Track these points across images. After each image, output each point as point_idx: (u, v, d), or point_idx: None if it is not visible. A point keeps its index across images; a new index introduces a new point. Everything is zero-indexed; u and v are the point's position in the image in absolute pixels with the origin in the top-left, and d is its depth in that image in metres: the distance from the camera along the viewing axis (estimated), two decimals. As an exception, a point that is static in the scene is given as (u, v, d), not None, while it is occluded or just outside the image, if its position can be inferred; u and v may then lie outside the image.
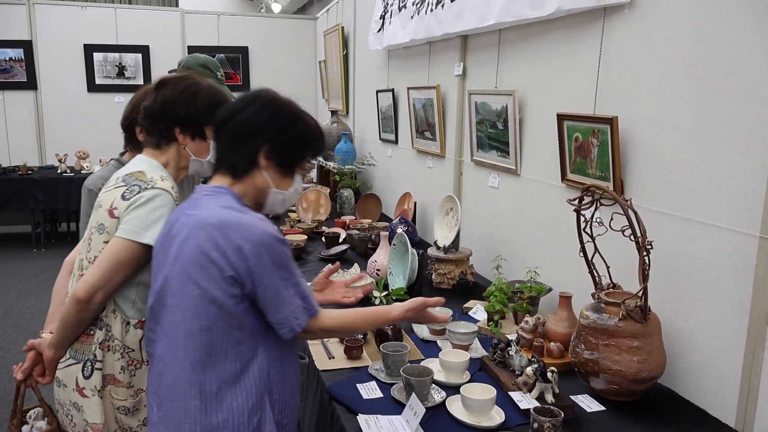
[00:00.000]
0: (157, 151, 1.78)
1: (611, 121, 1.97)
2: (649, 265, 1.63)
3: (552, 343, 1.99)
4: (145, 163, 1.75)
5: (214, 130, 1.55)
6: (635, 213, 1.62)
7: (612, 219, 1.73)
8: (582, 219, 1.84)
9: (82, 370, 1.66)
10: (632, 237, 1.62)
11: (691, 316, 1.78)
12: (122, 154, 2.23)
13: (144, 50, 7.37)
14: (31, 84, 7.10)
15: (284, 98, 1.55)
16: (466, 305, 2.53)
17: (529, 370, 1.70)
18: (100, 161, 6.61)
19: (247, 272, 1.38)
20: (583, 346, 1.75)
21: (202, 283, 1.39)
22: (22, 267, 6.14)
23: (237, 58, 7.69)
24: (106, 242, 1.61)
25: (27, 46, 7.01)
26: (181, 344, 1.42)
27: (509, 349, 1.87)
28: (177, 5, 11.13)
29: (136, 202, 1.61)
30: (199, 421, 1.40)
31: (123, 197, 1.63)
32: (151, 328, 1.52)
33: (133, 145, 2.13)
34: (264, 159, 1.49)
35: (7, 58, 7.04)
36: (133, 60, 7.37)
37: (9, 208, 6.62)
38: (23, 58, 7.05)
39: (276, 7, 11.44)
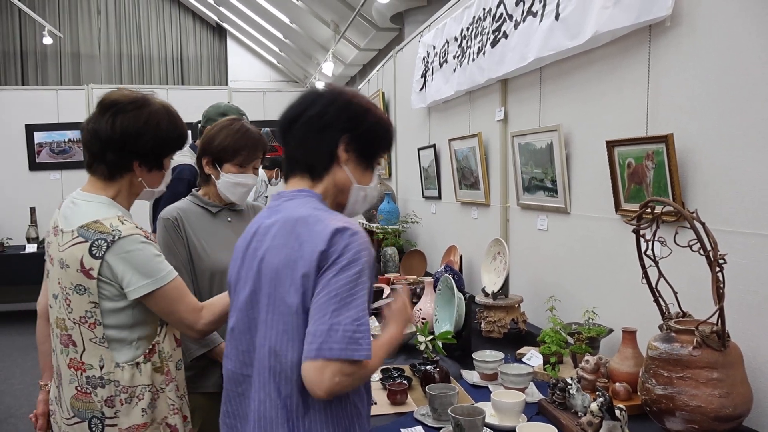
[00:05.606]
0: (105, 182, 1.65)
1: (666, 139, 1.84)
2: (723, 283, 1.45)
3: (617, 384, 1.79)
4: (93, 206, 1.61)
5: (279, 132, 1.41)
6: (703, 224, 1.46)
7: (677, 233, 1.57)
8: (642, 241, 1.68)
9: (89, 428, 1.58)
10: (701, 251, 1.46)
11: (777, 345, 1.58)
12: (197, 189, 2.21)
13: (193, 127, 7.62)
14: (87, 163, 7.40)
15: (350, 90, 1.44)
16: (519, 351, 2.35)
17: (593, 406, 1.51)
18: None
19: (315, 276, 1.22)
20: (654, 380, 1.55)
21: (288, 298, 1.24)
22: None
23: (282, 131, 7.88)
24: (92, 302, 1.55)
25: (84, 127, 7.36)
26: (266, 365, 1.27)
27: (570, 387, 1.69)
28: (227, 84, 11.66)
29: (125, 257, 1.53)
30: None
31: (93, 255, 1.53)
32: (233, 348, 1.37)
33: (202, 180, 2.18)
34: (344, 152, 1.36)
35: (66, 140, 7.38)
36: (183, 136, 7.64)
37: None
38: (81, 138, 7.38)
39: (320, 86, 11.85)
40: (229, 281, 1.43)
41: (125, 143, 1.61)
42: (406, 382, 1.98)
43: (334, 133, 1.35)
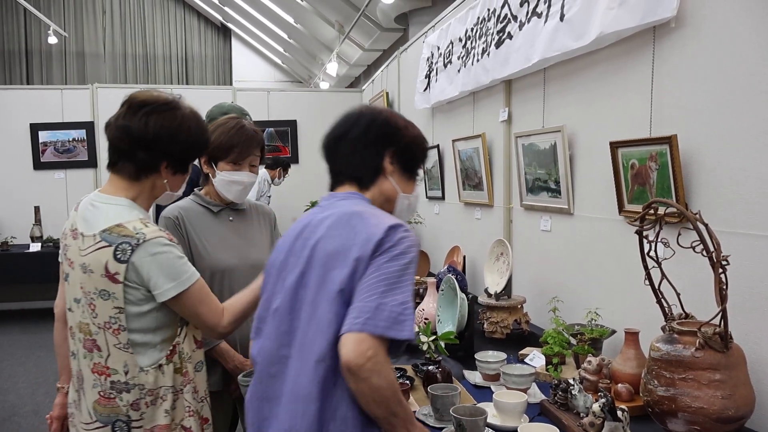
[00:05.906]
0: (129, 182, 1.62)
1: (670, 140, 1.84)
2: (726, 285, 1.45)
3: (620, 385, 1.79)
4: (114, 209, 1.58)
5: (324, 150, 1.51)
6: (706, 225, 1.46)
7: (680, 234, 1.57)
8: (645, 242, 1.68)
9: (113, 431, 1.58)
10: (704, 253, 1.46)
11: (781, 347, 1.57)
12: (199, 189, 2.21)
13: (197, 126, 7.64)
14: (91, 162, 7.39)
15: (386, 108, 1.57)
16: (521, 352, 2.34)
17: (595, 406, 1.51)
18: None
19: (368, 260, 1.28)
20: (656, 382, 1.55)
21: (337, 278, 1.29)
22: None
23: (286, 131, 7.87)
24: (117, 308, 1.54)
25: (89, 126, 7.34)
26: (307, 343, 1.31)
27: (572, 388, 1.69)
28: (231, 83, 11.68)
29: (151, 260, 1.52)
30: (314, 429, 1.27)
31: (118, 260, 1.52)
32: (274, 329, 1.40)
33: (203, 179, 2.19)
34: (389, 164, 1.48)
35: (70, 139, 7.39)
36: (187, 136, 7.65)
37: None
38: (85, 138, 7.39)
39: (324, 86, 11.88)
40: (271, 269, 1.47)
41: (158, 143, 1.59)
42: (408, 382, 1.97)
43: (379, 147, 1.47)
